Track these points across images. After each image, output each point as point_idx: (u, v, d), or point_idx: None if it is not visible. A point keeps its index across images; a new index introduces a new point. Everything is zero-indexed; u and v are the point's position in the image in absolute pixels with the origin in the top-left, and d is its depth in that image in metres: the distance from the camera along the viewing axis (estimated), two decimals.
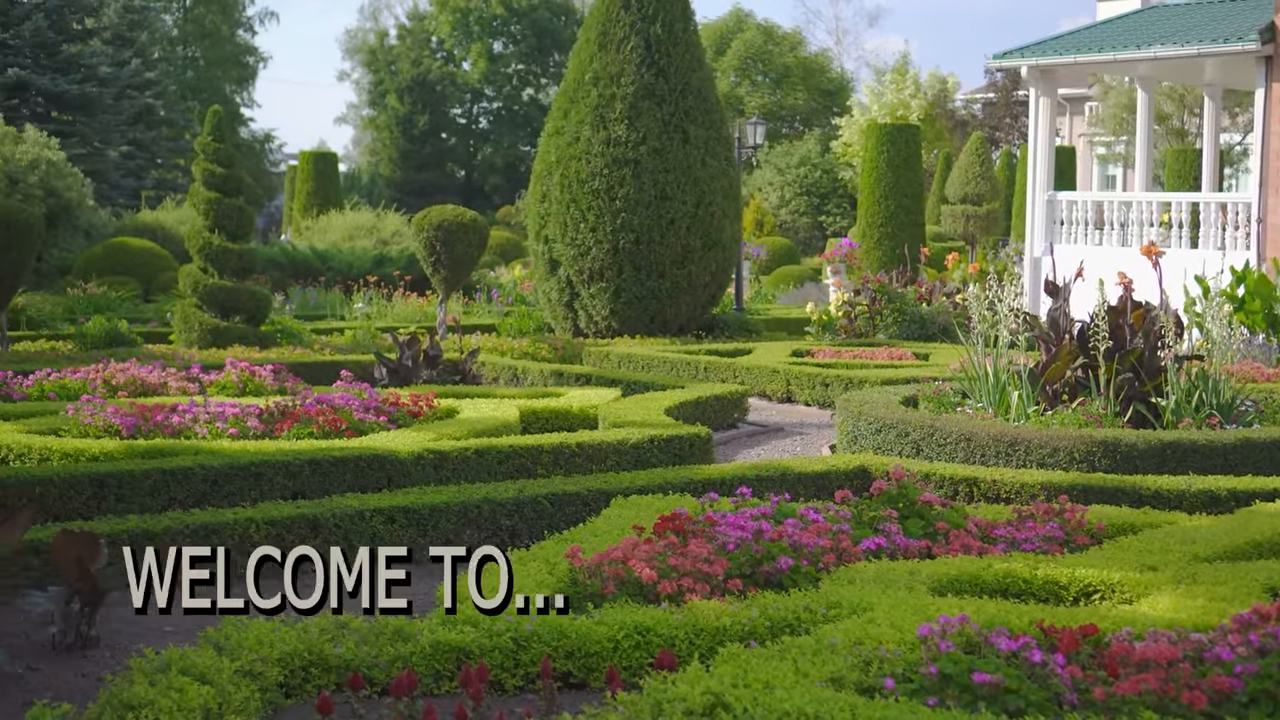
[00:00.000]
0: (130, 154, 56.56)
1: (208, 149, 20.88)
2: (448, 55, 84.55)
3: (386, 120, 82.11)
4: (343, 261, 36.49)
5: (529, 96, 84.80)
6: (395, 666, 5.82)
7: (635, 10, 22.36)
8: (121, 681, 5.15)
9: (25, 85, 48.76)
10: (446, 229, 20.63)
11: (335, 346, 20.77)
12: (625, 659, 6.03)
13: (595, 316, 22.37)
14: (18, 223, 18.47)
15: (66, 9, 51.03)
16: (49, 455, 10.45)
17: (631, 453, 11.07)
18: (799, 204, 62.80)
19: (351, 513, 8.50)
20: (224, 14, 78.34)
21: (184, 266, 21.41)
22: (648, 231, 21.72)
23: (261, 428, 11.50)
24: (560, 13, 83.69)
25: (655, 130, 21.89)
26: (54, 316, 25.48)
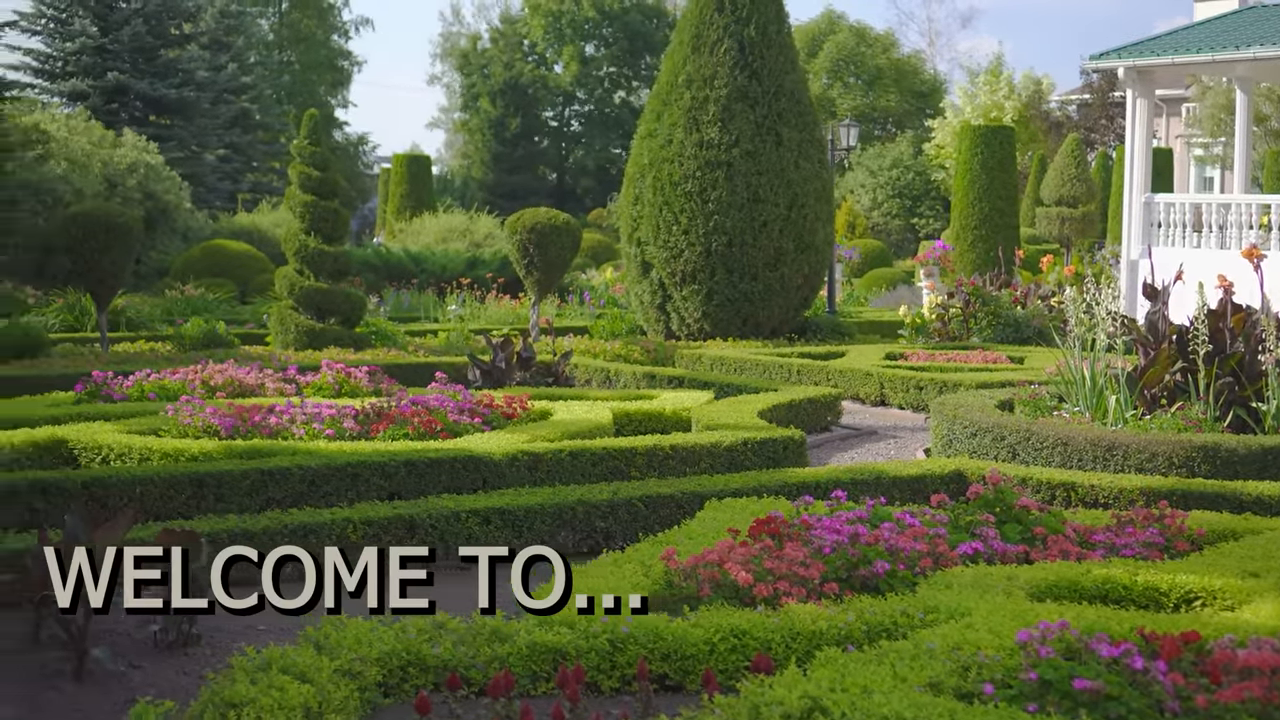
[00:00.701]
0: (227, 157, 57.15)
1: (304, 152, 21.06)
2: (540, 58, 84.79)
3: (479, 123, 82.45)
4: (436, 264, 36.68)
5: (620, 99, 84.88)
6: (492, 667, 5.84)
7: (729, 13, 22.34)
8: (223, 680, 5.20)
9: (124, 89, 49.39)
10: (540, 232, 20.70)
11: (429, 348, 20.88)
12: (721, 662, 6.02)
13: (687, 319, 22.36)
14: (117, 225, 18.73)
15: (165, 14, 51.63)
16: (149, 455, 10.58)
17: (725, 455, 11.06)
18: (891, 206, 62.50)
19: (448, 514, 8.54)
20: (319, 19, 79.01)
21: (280, 269, 21.61)
22: (740, 234, 21.70)
23: (357, 429, 11.58)
24: (652, 15, 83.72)
25: (748, 133, 21.86)
26: (153, 318, 25.77)
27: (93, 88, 49.26)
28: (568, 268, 21.65)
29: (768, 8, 22.52)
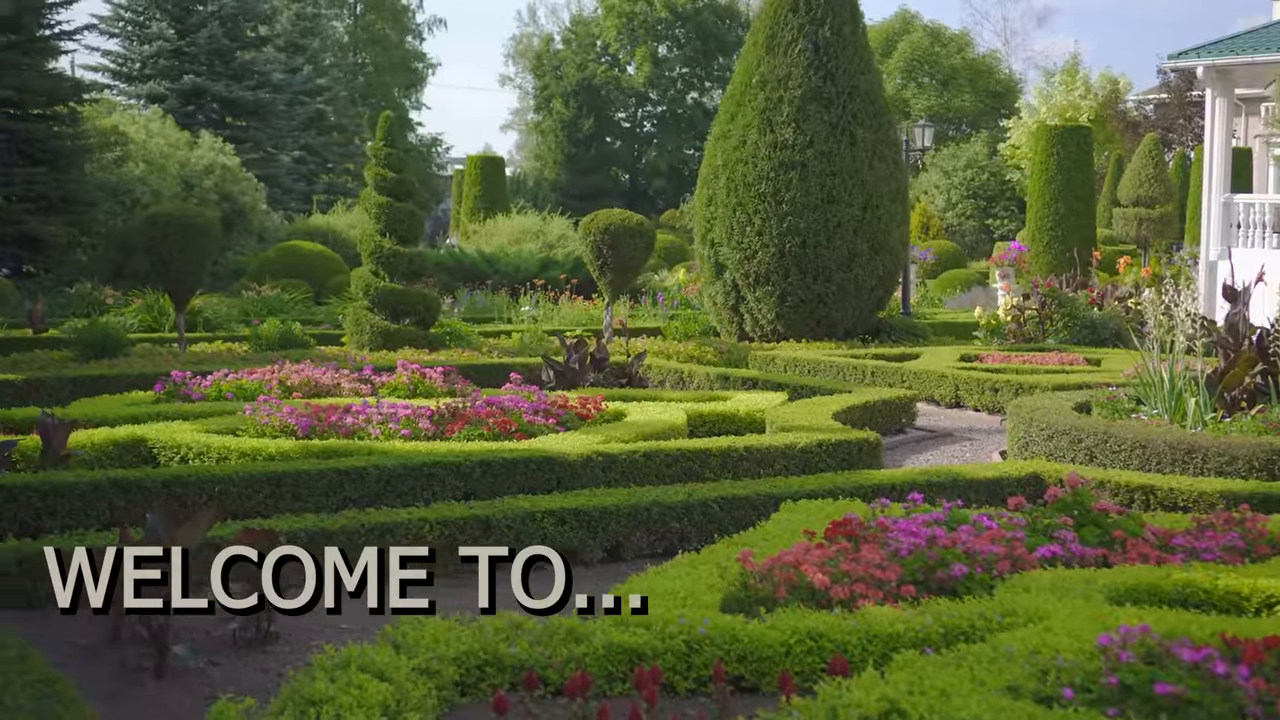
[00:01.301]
0: (302, 159, 57.59)
1: (379, 154, 21.18)
2: (612, 59, 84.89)
3: (552, 124, 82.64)
4: (509, 265, 36.80)
5: (693, 100, 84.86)
6: (569, 667, 5.86)
7: (803, 13, 22.32)
8: (303, 677, 5.24)
9: (201, 91, 49.85)
10: (613, 233, 20.70)
11: (503, 349, 20.95)
12: (797, 664, 6.01)
13: (761, 320, 22.34)
14: (196, 226, 18.88)
15: (241, 17, 52.06)
16: (227, 454, 10.67)
17: (800, 457, 11.04)
18: (965, 207, 62.20)
19: (523, 514, 8.56)
20: (394, 21, 79.47)
21: (355, 270, 21.74)
22: (814, 235, 21.66)
23: (432, 429, 11.63)
24: (724, 16, 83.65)
25: (823, 133, 21.82)
26: (229, 318, 25.97)
27: (170, 90, 49.75)
28: (641, 269, 21.67)
29: (842, 8, 22.48)
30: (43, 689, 5.08)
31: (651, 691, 5.29)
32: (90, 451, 10.83)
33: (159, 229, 18.87)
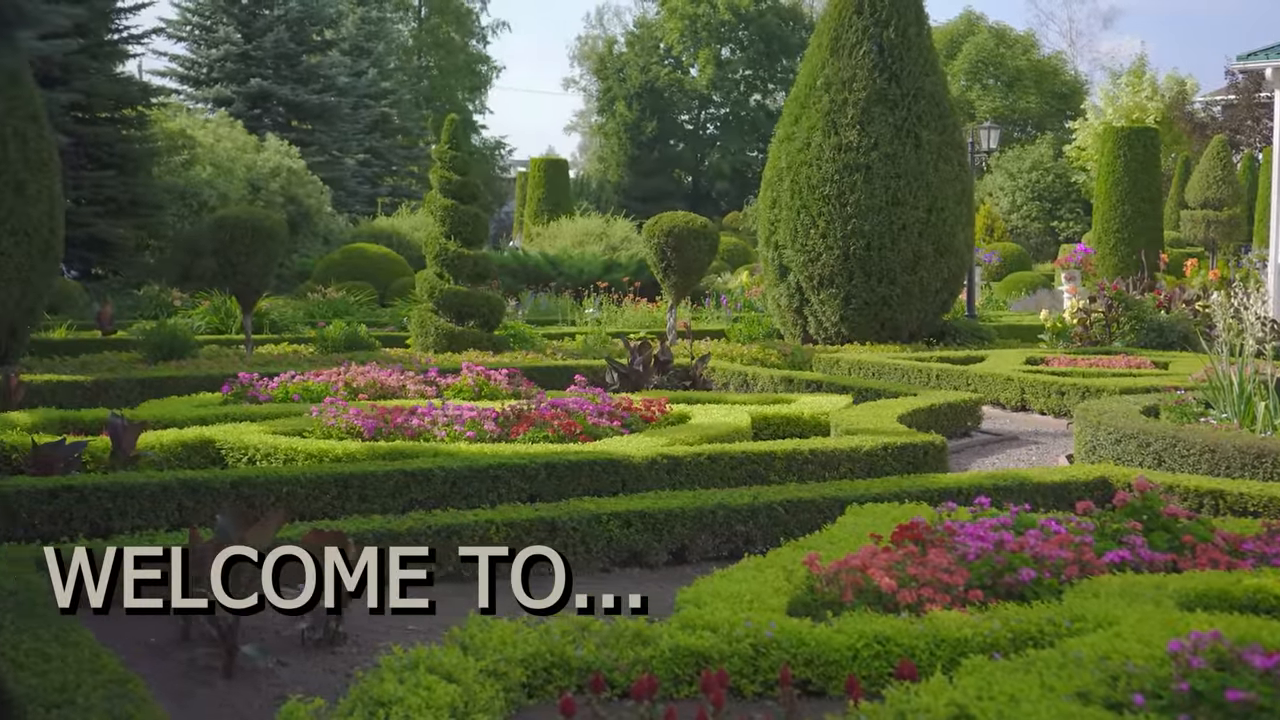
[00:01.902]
0: (367, 162, 57.90)
1: (444, 157, 21.27)
2: (676, 62, 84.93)
3: (615, 127, 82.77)
4: (573, 267, 36.87)
5: (756, 102, 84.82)
6: (635, 670, 5.86)
7: (868, 15, 22.26)
8: (372, 678, 5.26)
9: (267, 95, 50.20)
10: (677, 235, 20.67)
11: (566, 351, 20.99)
12: (864, 668, 5.99)
13: (825, 323, 22.30)
14: (263, 229, 19.01)
15: (307, 21, 52.39)
16: (294, 456, 10.74)
17: (865, 460, 11.00)
18: (1030, 209, 61.89)
19: (589, 516, 8.57)
20: (458, 24, 79.79)
21: (420, 272, 21.83)
22: (879, 237, 21.61)
23: (498, 431, 11.66)
24: (788, 18, 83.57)
25: (887, 135, 21.76)
26: (295, 320, 26.14)
27: (236, 93, 50.13)
28: (705, 271, 21.65)
29: (907, 9, 22.41)
30: (115, 688, 5.12)
31: (718, 695, 5.29)
32: (159, 452, 10.92)
33: (226, 232, 19.00)
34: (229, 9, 51.65)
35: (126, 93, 35.25)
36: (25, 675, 5.35)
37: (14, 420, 12.52)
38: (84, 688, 5.13)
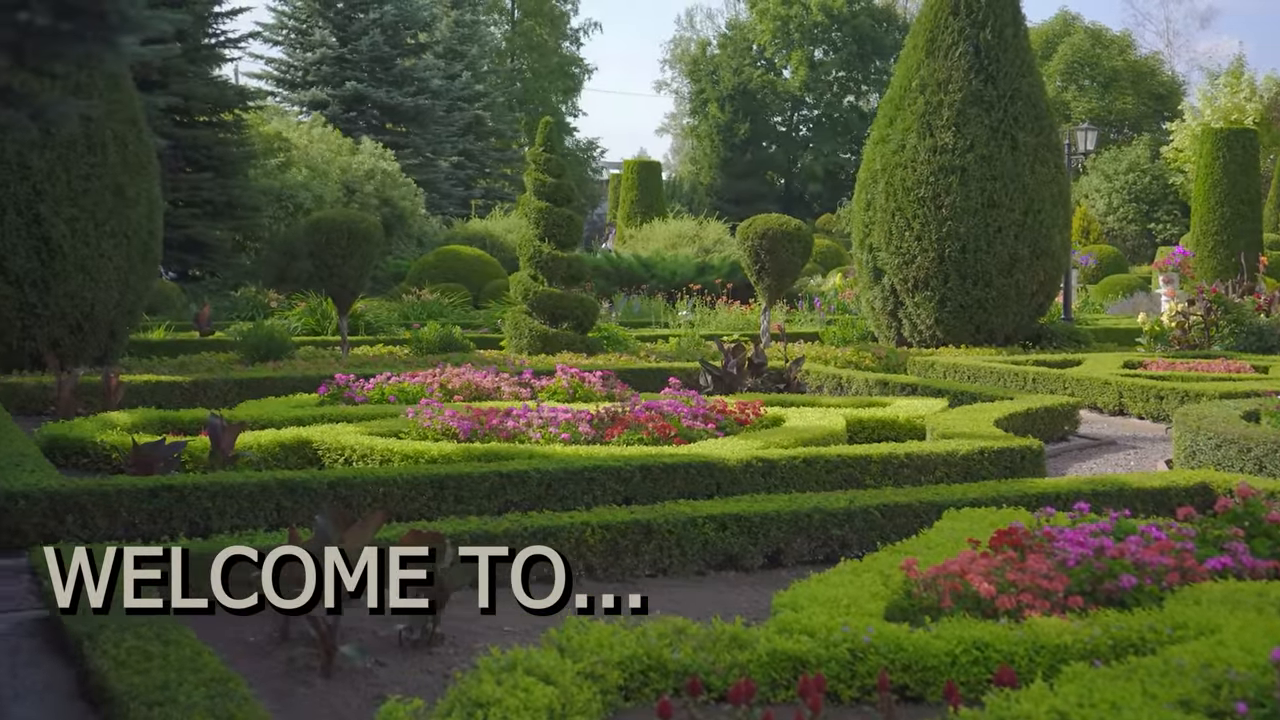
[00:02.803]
0: (460, 164, 58.19)
1: (539, 159, 21.34)
2: (768, 63, 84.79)
3: (707, 129, 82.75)
4: (665, 269, 36.89)
5: (849, 103, 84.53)
6: (732, 674, 5.84)
7: (964, 16, 22.12)
8: (470, 679, 5.28)
9: (362, 98, 50.60)
10: (771, 237, 20.67)
11: (660, 354, 20.99)
12: (963, 674, 5.94)
13: (919, 325, 22.18)
14: (359, 231, 19.15)
15: (401, 24, 52.76)
16: (390, 457, 10.80)
17: (961, 464, 10.91)
18: (1127, 211, 61.25)
19: (684, 519, 8.55)
20: (551, 26, 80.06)
21: (514, 274, 21.92)
22: (974, 240, 21.46)
23: (592, 433, 11.67)
24: (881, 19, 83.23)
25: (983, 137, 21.62)
26: (390, 322, 26.32)
27: (332, 96, 50.57)
28: (798, 274, 21.61)
29: (1004, 10, 22.25)
30: (216, 687, 5.16)
31: (816, 699, 5.26)
32: (257, 453, 11.02)
33: (323, 234, 19.17)
34: (325, 13, 52.12)
35: (223, 96, 35.64)
36: (127, 673, 5.41)
37: (114, 420, 12.67)
38: (185, 686, 5.17)
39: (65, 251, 17.02)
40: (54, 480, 9.16)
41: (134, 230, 17.76)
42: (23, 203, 16.88)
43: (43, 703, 6.02)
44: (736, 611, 7.44)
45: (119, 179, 17.51)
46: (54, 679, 6.32)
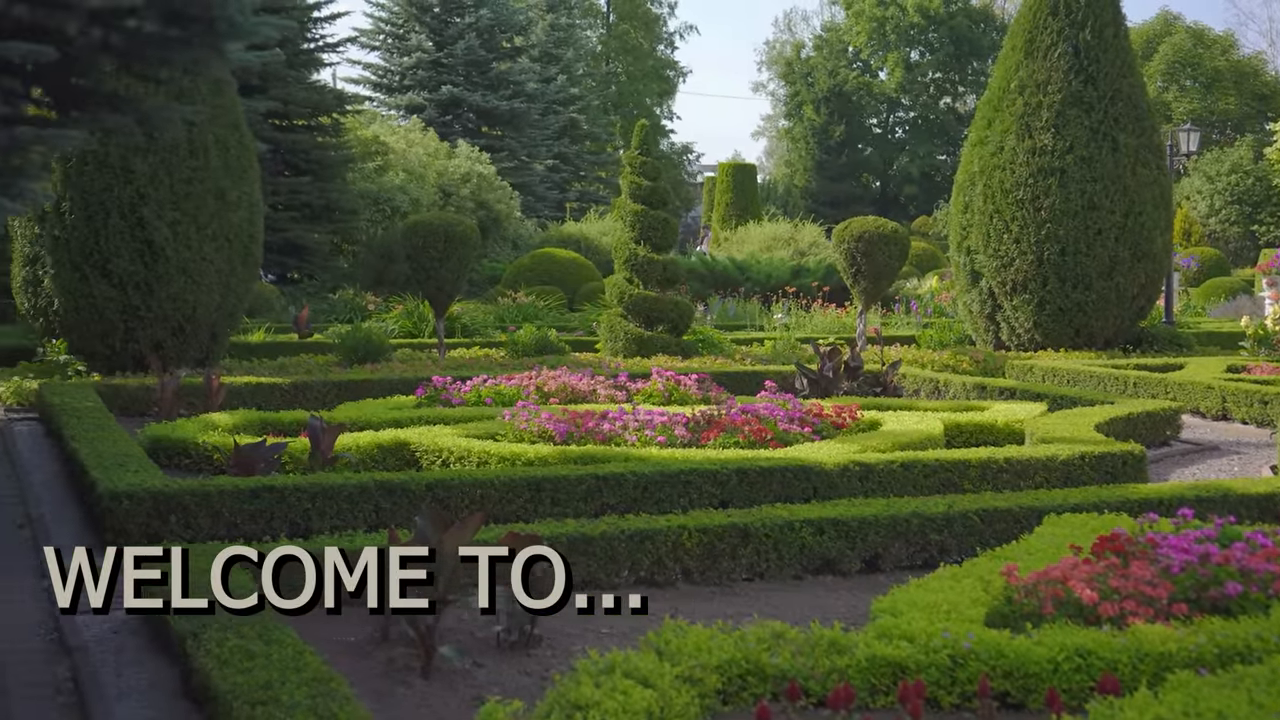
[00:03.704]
0: (555, 167, 58.38)
1: (635, 162, 21.37)
2: (864, 65, 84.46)
3: (802, 131, 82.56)
4: (760, 272, 36.83)
5: (946, 105, 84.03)
6: (831, 679, 5.81)
7: (1063, 16, 21.92)
8: (569, 682, 5.28)
9: (458, 102, 50.88)
10: (867, 240, 20.56)
11: (755, 357, 20.95)
12: (1064, 681, 5.87)
13: (1017, 329, 22.00)
14: (456, 234, 19.26)
15: (497, 28, 53.02)
16: (487, 459, 10.85)
17: (1061, 469, 10.81)
18: (1229, 213, 60.40)
19: (781, 523, 8.52)
20: (646, 29, 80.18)
21: (609, 277, 21.96)
22: (1074, 242, 21.26)
23: (688, 436, 11.66)
24: (979, 20, 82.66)
25: (1083, 138, 21.41)
26: (486, 324, 26.44)
27: (428, 100, 50.91)
28: (895, 276, 21.50)
29: (1104, 10, 22.02)
30: (318, 687, 5.20)
31: (916, 705, 5.23)
32: (356, 454, 11.10)
33: (420, 237, 19.29)
34: (421, 17, 52.48)
35: (322, 101, 35.96)
36: (230, 672, 5.46)
37: (215, 421, 12.82)
38: (288, 686, 5.21)
39: (168, 254, 17.24)
40: (158, 480, 9.28)
41: (235, 233, 17.95)
42: (126, 206, 17.12)
43: (147, 701, 6.09)
44: (834, 616, 7.40)
45: (221, 183, 17.70)
46: (157, 678, 6.39)
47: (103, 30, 4.22)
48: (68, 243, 17.19)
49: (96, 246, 17.12)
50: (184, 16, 4.29)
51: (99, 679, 6.31)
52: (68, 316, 17.42)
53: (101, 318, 17.27)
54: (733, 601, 7.96)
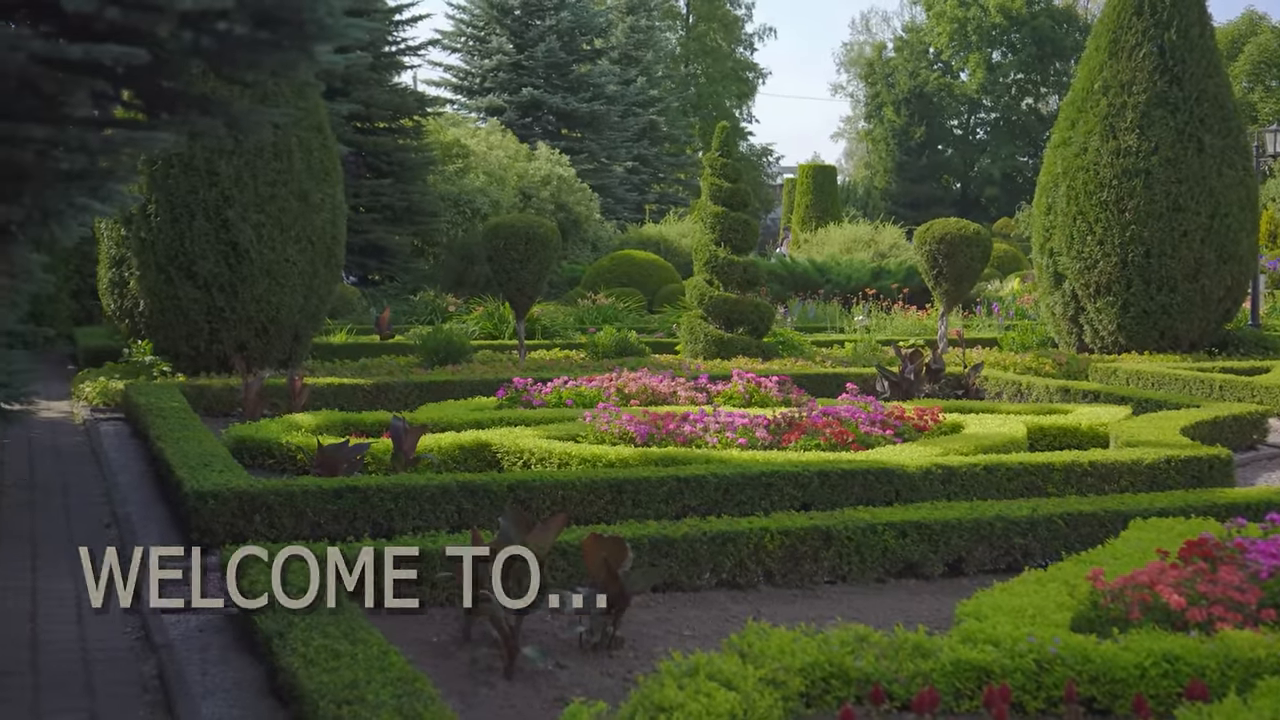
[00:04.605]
0: (634, 169, 58.42)
1: (715, 164, 21.36)
2: (945, 66, 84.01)
3: (882, 133, 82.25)
4: (840, 274, 36.71)
5: (1028, 106, 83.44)
6: (915, 682, 5.78)
7: (1148, 16, 21.71)
8: (652, 683, 5.28)
9: (538, 104, 51.02)
10: (949, 242, 20.45)
11: (835, 359, 20.89)
12: (1151, 687, 5.82)
13: (1101, 331, 21.81)
14: (537, 236, 19.31)
15: (577, 31, 53.14)
16: (568, 460, 10.86)
17: (1146, 473, 10.70)
18: None
19: (864, 526, 8.49)
20: (725, 31, 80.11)
21: (689, 279, 21.95)
22: (1159, 244, 21.05)
23: (769, 438, 11.64)
24: (1062, 20, 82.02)
25: (1168, 140, 21.19)
26: (565, 326, 26.48)
27: (508, 102, 51.08)
28: (976, 278, 21.37)
29: (1189, 10, 21.78)
30: (403, 686, 5.23)
31: (1001, 710, 5.20)
32: (437, 455, 11.15)
33: (501, 239, 19.35)
34: (502, 20, 52.68)
35: (404, 103, 36.13)
36: (316, 672, 5.50)
37: (299, 422, 12.91)
38: (373, 685, 5.24)
39: (252, 256, 17.37)
40: (242, 480, 9.35)
41: (318, 235, 18.07)
42: (211, 208, 17.27)
43: (232, 700, 6.14)
44: (917, 620, 7.37)
45: (304, 185, 17.83)
46: (243, 676, 6.45)
47: (193, 33, 4.25)
48: (153, 245, 17.36)
49: (182, 248, 17.28)
50: (274, 19, 4.32)
51: (185, 677, 6.38)
52: (153, 318, 17.59)
53: (186, 319, 17.43)
54: (815, 604, 7.94)
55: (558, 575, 7.61)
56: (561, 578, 7.62)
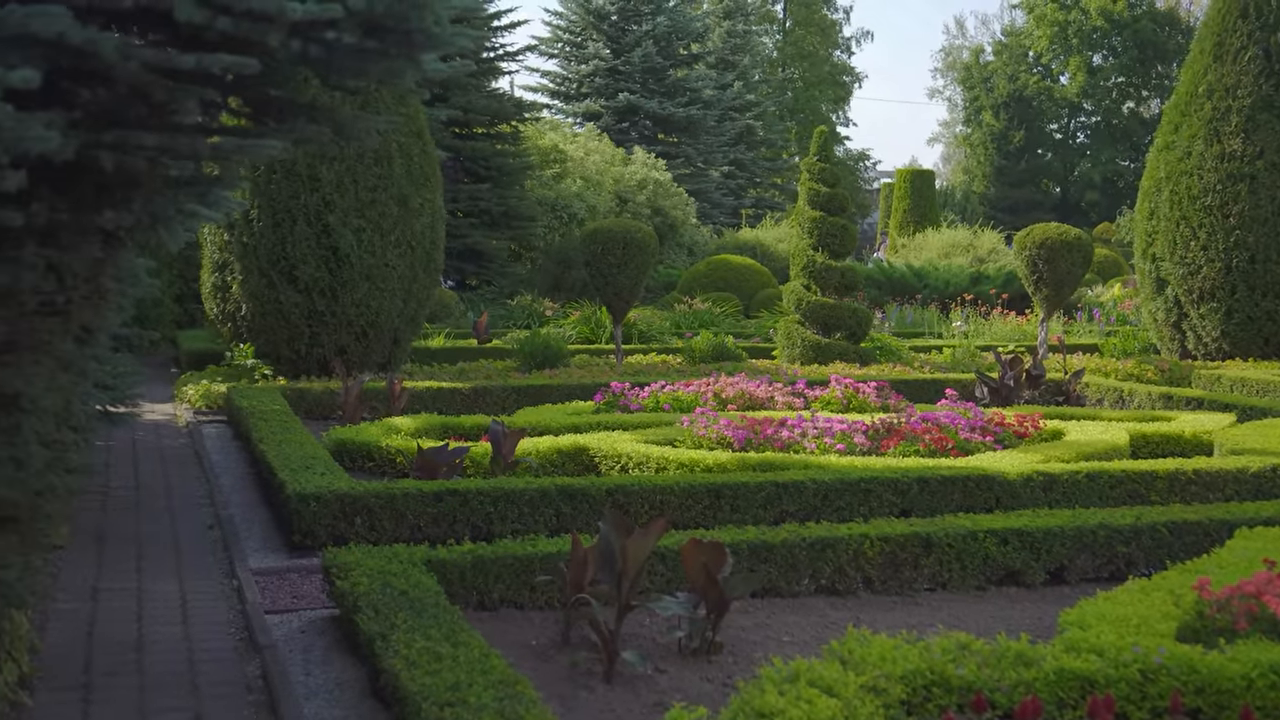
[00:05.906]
0: (730, 174, 58.44)
1: (813, 168, 21.29)
2: (1045, 69, 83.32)
3: (981, 137, 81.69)
4: (939, 279, 36.48)
5: (1129, 110, 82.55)
6: (1017, 691, 5.73)
7: (1254, 19, 21.41)
8: (753, 689, 5.27)
9: (634, 109, 51.12)
10: (1050, 247, 20.28)
11: (934, 364, 20.76)
12: (1259, 699, 5.73)
13: (1204, 338, 21.54)
14: (635, 241, 19.33)
15: (674, 35, 53.19)
16: (665, 465, 10.87)
17: (1252, 482, 10.56)
18: None
19: (964, 533, 8.43)
20: (822, 35, 79.93)
21: (786, 284, 21.89)
22: (1264, 250, 20.75)
23: (867, 444, 11.59)
24: (1164, 23, 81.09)
25: (1274, 144, 20.89)
26: (662, 330, 26.49)
27: (605, 108, 51.23)
28: (1077, 284, 21.16)
29: None
30: (504, 689, 5.24)
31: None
32: (536, 459, 11.19)
33: (598, 243, 19.39)
34: (599, 26, 52.83)
35: (501, 109, 36.32)
36: (418, 674, 5.53)
37: (398, 425, 13.00)
38: (475, 687, 5.26)
39: (352, 261, 17.51)
40: (343, 483, 9.43)
41: (417, 240, 18.18)
42: (312, 213, 17.42)
43: (335, 700, 6.19)
44: (1018, 628, 7.32)
45: (404, 190, 17.95)
46: (345, 677, 6.50)
47: (302, 42, 4.29)
48: (256, 249, 17.54)
49: (283, 253, 17.45)
50: (382, 28, 4.35)
51: (288, 678, 6.43)
52: (255, 321, 17.77)
53: (287, 323, 17.60)
54: (914, 611, 7.89)
55: (656, 580, 7.62)
56: (660, 582, 7.63)
